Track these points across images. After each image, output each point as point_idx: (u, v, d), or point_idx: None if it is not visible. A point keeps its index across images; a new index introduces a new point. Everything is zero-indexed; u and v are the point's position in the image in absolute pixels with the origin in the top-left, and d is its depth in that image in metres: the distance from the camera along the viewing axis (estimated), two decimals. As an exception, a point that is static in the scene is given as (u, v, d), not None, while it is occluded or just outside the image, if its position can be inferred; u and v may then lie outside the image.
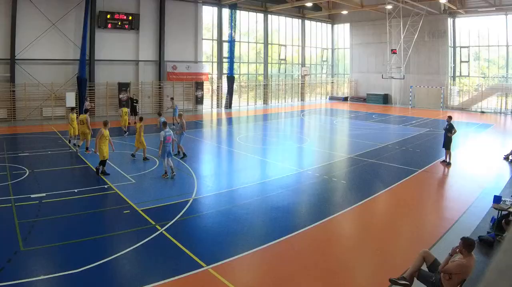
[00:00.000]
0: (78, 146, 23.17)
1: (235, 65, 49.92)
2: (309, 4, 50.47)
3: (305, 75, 57.99)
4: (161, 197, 15.23)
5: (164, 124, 18.69)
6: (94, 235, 11.69)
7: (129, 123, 29.71)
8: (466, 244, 7.96)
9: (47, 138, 27.06)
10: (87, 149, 22.83)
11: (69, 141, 24.87)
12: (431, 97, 50.79)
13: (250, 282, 9.60)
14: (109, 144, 18.49)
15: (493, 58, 49.69)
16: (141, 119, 21.38)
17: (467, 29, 49.98)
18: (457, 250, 8.08)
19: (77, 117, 24.01)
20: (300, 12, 57.33)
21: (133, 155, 21.46)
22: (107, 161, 18.13)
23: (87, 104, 32.47)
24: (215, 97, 49.32)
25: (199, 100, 46.38)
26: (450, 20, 49.86)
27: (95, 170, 18.10)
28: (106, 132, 18.01)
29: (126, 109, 27.50)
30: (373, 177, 18.99)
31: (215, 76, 49.18)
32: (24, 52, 35.13)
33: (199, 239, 11.70)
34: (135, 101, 34.84)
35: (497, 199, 13.11)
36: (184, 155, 21.58)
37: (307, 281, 9.49)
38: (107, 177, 17.51)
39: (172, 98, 35.88)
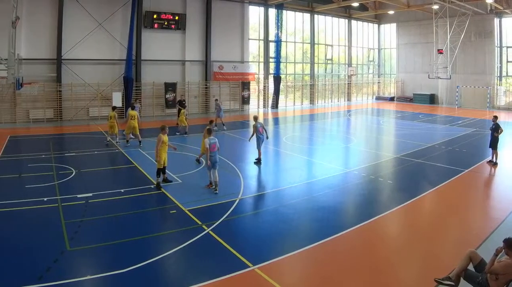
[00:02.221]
0: (127, 141, 23.75)
1: (282, 65, 47.85)
2: (355, 4, 48.46)
3: (352, 75, 55.66)
4: (207, 197, 14.57)
5: (209, 131, 15.67)
6: (140, 235, 11.35)
7: (177, 124, 28.89)
8: (509, 245, 7.60)
9: (93, 138, 26.23)
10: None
11: (115, 141, 24.21)
12: (477, 97, 48.46)
13: (297, 282, 9.28)
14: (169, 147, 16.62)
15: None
16: (210, 122, 20.07)
17: (514, 29, 47.61)
18: (502, 251, 7.72)
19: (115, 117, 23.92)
20: (347, 12, 54.73)
21: (197, 160, 19.71)
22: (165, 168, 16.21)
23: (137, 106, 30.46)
24: (261, 97, 47.57)
25: (245, 100, 44.48)
26: (496, 20, 46.93)
27: (156, 184, 15.78)
28: (166, 138, 15.80)
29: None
30: (420, 177, 18.23)
31: (261, 76, 47.25)
32: (71, 52, 33.66)
33: (245, 239, 11.31)
34: (183, 103, 32.75)
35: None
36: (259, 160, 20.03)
37: (353, 281, 9.21)
38: (154, 178, 16.17)
39: (216, 99, 33.73)
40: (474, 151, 23.46)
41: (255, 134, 19.78)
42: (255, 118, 20.35)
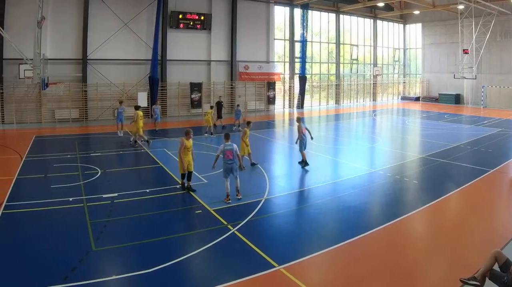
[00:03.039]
0: (148, 141, 23.25)
1: (307, 65, 46.58)
2: (381, 4, 47.71)
3: (377, 75, 54.30)
4: (233, 197, 13.97)
5: (227, 136, 14.52)
6: (166, 235, 11.14)
7: (214, 124, 28.77)
8: None
9: (119, 138, 25.71)
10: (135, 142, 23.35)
11: (141, 141, 23.88)
12: (503, 97, 47.27)
13: (322, 282, 9.13)
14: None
15: None
16: (248, 123, 19.22)
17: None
18: None
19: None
20: (372, 12, 53.51)
21: (241, 167, 18.62)
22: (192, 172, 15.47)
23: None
24: (287, 97, 46.51)
25: (271, 100, 43.54)
26: (522, 20, 45.76)
27: (181, 184, 15.26)
28: (189, 143, 14.87)
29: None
30: (445, 177, 17.86)
31: (287, 76, 46.11)
32: (96, 52, 33.07)
33: (271, 239, 11.07)
34: (222, 104, 32.13)
35: None
36: (306, 163, 18.74)
37: (379, 282, 9.07)
38: (179, 178, 15.68)
39: (238, 105, 32.18)
40: (499, 151, 23.05)
41: (300, 136, 18.65)
42: (298, 119, 19.35)
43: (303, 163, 18.57)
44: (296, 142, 18.97)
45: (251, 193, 14.69)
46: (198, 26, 37.80)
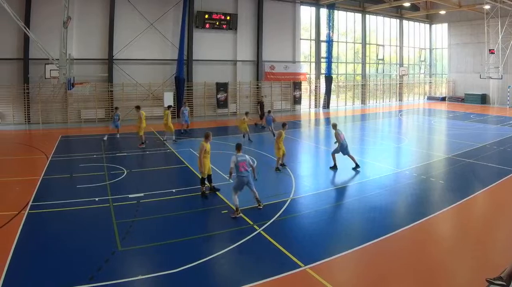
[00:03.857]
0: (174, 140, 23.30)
1: (333, 65, 45.35)
2: (407, 4, 46.53)
3: (403, 75, 52.94)
4: (259, 197, 13.23)
5: (238, 147, 12.93)
6: (192, 235, 10.94)
7: (255, 123, 29.16)
8: None
9: (145, 138, 24.78)
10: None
11: (172, 140, 24.03)
12: None
13: (348, 282, 8.95)
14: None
15: None
16: (283, 125, 18.73)
17: None
18: None
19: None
20: (398, 12, 52.15)
21: (278, 169, 17.81)
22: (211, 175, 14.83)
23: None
24: (313, 97, 45.43)
25: (297, 100, 42.34)
26: (549, 20, 44.46)
27: (201, 193, 14.33)
28: (209, 146, 14.19)
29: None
30: (471, 177, 17.53)
31: (313, 76, 45.03)
32: (122, 52, 32.44)
33: (297, 239, 10.82)
34: (263, 104, 31.31)
35: None
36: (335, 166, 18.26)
37: (405, 282, 8.86)
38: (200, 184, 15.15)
39: (269, 111, 30.29)
40: (526, 151, 22.54)
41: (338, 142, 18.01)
42: (334, 126, 18.50)
43: (334, 166, 18.09)
44: (337, 152, 18.16)
45: (277, 193, 14.46)
46: (224, 26, 36.93)
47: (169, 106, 25.08)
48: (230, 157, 18.05)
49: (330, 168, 18.07)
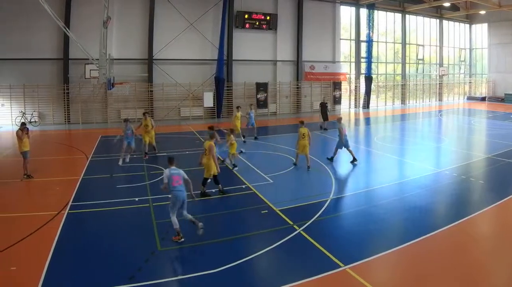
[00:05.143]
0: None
1: (373, 65, 43.43)
2: (446, 4, 44.56)
3: (443, 75, 50.56)
4: (299, 197, 13.73)
5: (170, 160, 10.61)
6: (232, 235, 10.66)
7: (320, 127, 28.18)
8: None
9: (184, 138, 24.89)
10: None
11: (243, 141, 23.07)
12: None
13: (388, 282, 8.60)
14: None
15: None
16: (301, 122, 17.94)
17: None
18: None
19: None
20: (438, 12, 49.61)
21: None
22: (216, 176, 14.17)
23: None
24: (352, 97, 43.63)
25: (337, 100, 40.46)
26: None
27: (202, 192, 13.75)
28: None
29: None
30: (511, 177, 16.73)
31: (352, 76, 43.09)
32: (162, 52, 31.28)
33: (336, 239, 10.48)
34: (326, 105, 29.70)
35: None
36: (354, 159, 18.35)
37: (446, 282, 8.42)
38: (245, 178, 15.64)
39: (251, 104, 28.11)
40: None
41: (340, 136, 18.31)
42: (339, 120, 18.74)
43: (353, 159, 18.28)
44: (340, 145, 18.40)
45: (317, 193, 14.10)
46: (264, 26, 35.43)
47: (238, 107, 24.04)
48: (270, 156, 16.52)
49: (328, 158, 18.50)
